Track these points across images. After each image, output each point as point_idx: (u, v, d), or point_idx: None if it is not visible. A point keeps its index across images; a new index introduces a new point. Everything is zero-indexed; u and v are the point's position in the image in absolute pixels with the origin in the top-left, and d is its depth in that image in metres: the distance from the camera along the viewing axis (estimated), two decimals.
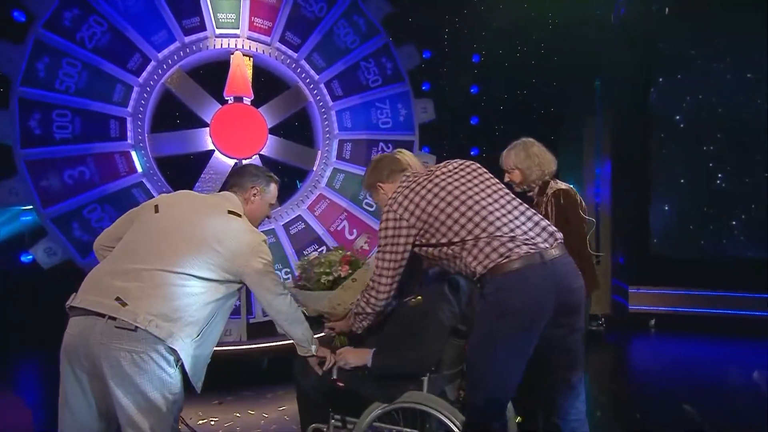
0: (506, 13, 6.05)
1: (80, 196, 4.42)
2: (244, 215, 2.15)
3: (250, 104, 4.92)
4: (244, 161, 4.76)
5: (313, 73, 5.22)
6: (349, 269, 2.26)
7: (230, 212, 2.08)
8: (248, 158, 4.85)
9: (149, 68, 4.67)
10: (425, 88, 6.02)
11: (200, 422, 3.49)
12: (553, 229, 2.00)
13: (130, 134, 4.61)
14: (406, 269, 2.08)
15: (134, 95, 4.63)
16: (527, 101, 6.45)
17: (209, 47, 4.86)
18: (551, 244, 1.93)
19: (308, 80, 5.21)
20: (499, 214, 1.94)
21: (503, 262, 1.85)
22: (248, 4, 4.92)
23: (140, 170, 4.63)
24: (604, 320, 6.23)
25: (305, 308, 2.30)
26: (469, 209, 1.94)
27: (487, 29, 6.26)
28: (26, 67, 4.26)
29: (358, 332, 2.24)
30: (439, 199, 1.98)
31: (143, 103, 4.66)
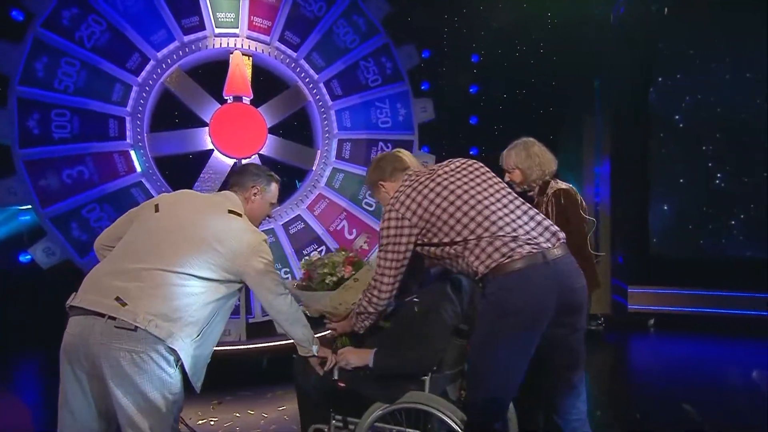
0: (505, 12, 6.06)
1: (79, 195, 4.41)
2: (244, 215, 2.14)
3: (249, 104, 4.91)
4: (243, 161, 4.75)
5: (312, 72, 5.22)
6: (352, 270, 2.26)
7: (231, 212, 2.07)
8: (247, 158, 4.84)
9: (148, 67, 4.66)
10: (424, 87, 6.03)
11: (200, 422, 3.48)
12: (555, 228, 1.99)
13: (129, 134, 4.60)
14: (407, 268, 2.07)
15: (133, 95, 4.61)
16: (526, 101, 6.45)
17: (208, 47, 4.85)
18: (554, 243, 1.93)
19: (308, 80, 5.21)
20: (501, 213, 1.94)
21: (505, 261, 1.85)
22: (247, 3, 4.91)
23: (139, 170, 4.62)
24: (603, 320, 6.24)
25: (307, 308, 2.29)
26: (471, 209, 1.94)
27: (486, 29, 6.27)
28: (25, 66, 4.25)
29: (360, 332, 2.23)
30: (441, 198, 1.97)
31: (142, 102, 4.64)
